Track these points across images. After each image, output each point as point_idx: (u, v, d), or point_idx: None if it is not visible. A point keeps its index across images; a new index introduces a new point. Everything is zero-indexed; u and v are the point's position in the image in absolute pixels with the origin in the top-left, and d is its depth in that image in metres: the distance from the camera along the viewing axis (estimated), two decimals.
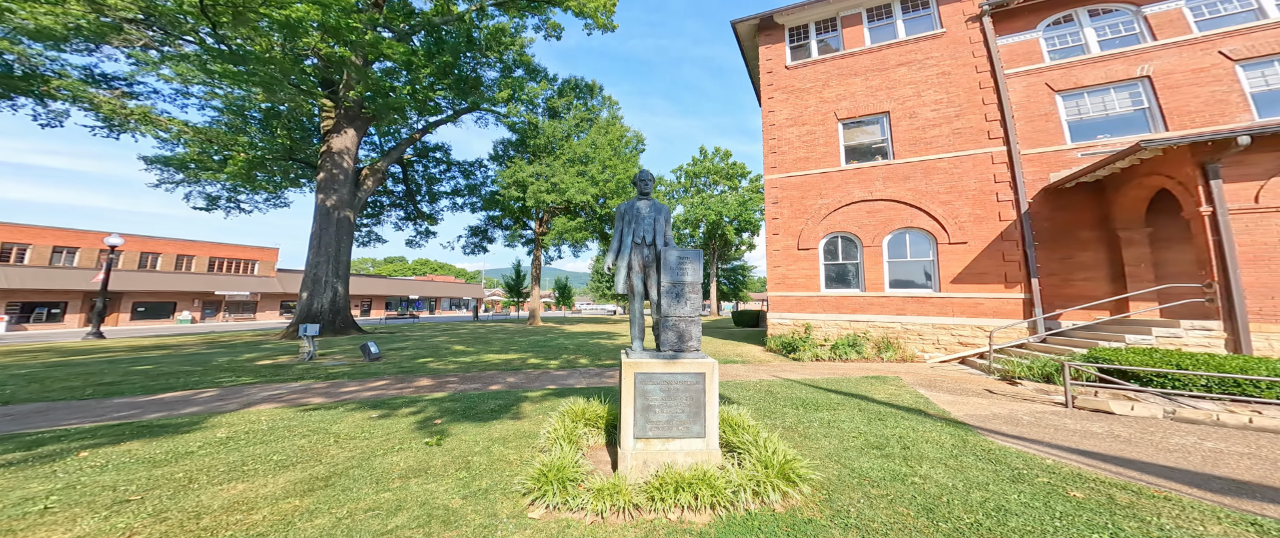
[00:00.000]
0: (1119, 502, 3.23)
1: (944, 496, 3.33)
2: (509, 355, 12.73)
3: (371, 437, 5.12)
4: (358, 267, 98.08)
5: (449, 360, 11.64)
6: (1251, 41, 10.49)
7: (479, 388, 8.02)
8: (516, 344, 16.01)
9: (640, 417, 3.97)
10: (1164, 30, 11.29)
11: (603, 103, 29.32)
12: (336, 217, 20.81)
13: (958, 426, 5.42)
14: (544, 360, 11.61)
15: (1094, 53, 11.83)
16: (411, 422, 5.76)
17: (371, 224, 30.20)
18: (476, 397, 7.22)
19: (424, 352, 13.63)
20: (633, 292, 4.63)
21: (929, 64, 13.01)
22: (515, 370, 10.02)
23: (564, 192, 23.81)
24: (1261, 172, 8.41)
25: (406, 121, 23.81)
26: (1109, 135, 11.41)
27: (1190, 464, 4.23)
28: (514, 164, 26.14)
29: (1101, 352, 7.97)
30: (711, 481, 3.44)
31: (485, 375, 9.38)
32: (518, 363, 11.16)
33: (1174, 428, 5.61)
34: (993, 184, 11.74)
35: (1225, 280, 8.35)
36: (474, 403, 6.76)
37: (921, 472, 3.82)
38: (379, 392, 7.72)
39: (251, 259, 45.20)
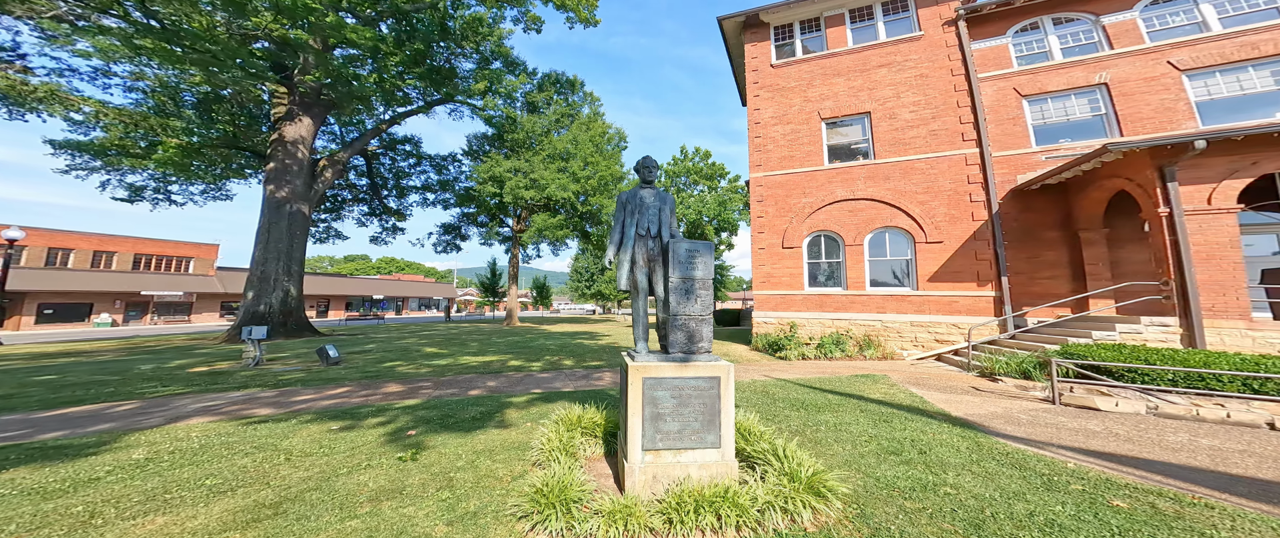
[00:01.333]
0: (1164, 511, 3.01)
1: (985, 508, 3.03)
2: (487, 357, 11.98)
3: (333, 452, 4.46)
4: (313, 264, 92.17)
5: (421, 364, 10.79)
6: (1196, 53, 10.98)
7: (457, 394, 7.34)
8: (495, 346, 15.21)
9: (649, 426, 3.51)
10: (1120, 40, 11.71)
11: (584, 99, 28.61)
12: (289, 210, 19.18)
13: (963, 426, 5.21)
14: (526, 362, 10.96)
15: (1057, 60, 12.18)
16: (381, 434, 5.09)
17: (330, 219, 28.18)
18: (455, 404, 6.56)
19: (391, 355, 12.66)
20: (636, 288, 4.15)
21: (908, 66, 13.11)
22: (496, 374, 9.34)
23: (544, 188, 22.99)
24: (1214, 175, 8.73)
25: (372, 112, 22.34)
26: (1070, 140, 11.75)
27: (1202, 464, 4.12)
28: (491, 159, 25.11)
29: (1075, 348, 8.07)
30: (735, 498, 3.02)
31: (463, 380, 8.68)
32: (498, 366, 10.47)
33: (1164, 425, 5.60)
34: (966, 185, 11.91)
35: (1181, 279, 8.63)
36: (453, 411, 6.12)
37: (949, 480, 3.52)
38: (340, 400, 6.92)
39: (186, 256, 40.72)
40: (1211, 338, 8.47)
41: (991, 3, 12.56)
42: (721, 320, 25.11)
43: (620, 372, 4.13)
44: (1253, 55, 10.54)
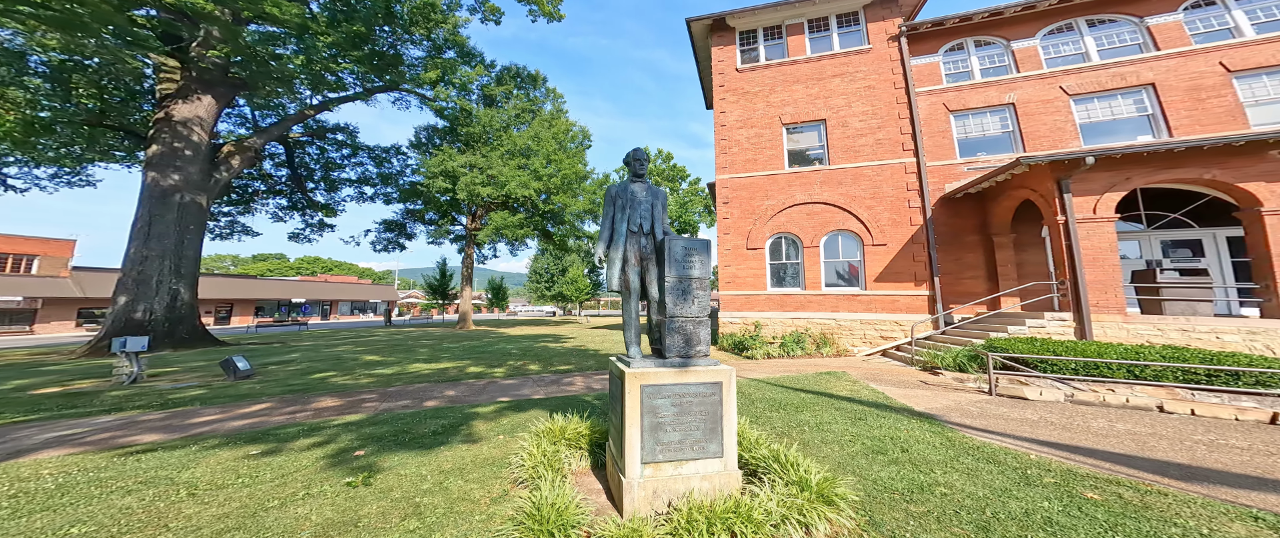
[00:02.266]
0: (1130, 501, 3.17)
1: (985, 508, 3.04)
2: (442, 364, 11.08)
3: (256, 482, 3.76)
4: (210, 264, 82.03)
5: (361, 373, 9.69)
6: (1081, 80, 12.37)
7: (410, 406, 6.64)
8: (449, 351, 14.16)
9: (649, 438, 3.24)
10: (1025, 64, 12.94)
11: (546, 95, 27.59)
12: (180, 201, 16.52)
13: (928, 420, 5.39)
14: (488, 368, 10.23)
15: (977, 79, 13.29)
16: (319, 456, 4.41)
17: (236, 213, 24.67)
18: (410, 417, 5.90)
19: (321, 364, 11.32)
20: (628, 289, 3.86)
21: (858, 77, 13.78)
22: (454, 382, 8.62)
23: (503, 185, 21.86)
24: (1098, 188, 9.83)
25: (296, 96, 19.99)
26: (986, 153, 12.87)
27: (1130, 449, 4.49)
28: (442, 153, 23.55)
29: (997, 342, 8.77)
30: (747, 513, 2.82)
31: (415, 390, 7.90)
32: (455, 373, 9.69)
33: (1083, 411, 6.14)
34: (906, 191, 12.72)
35: (1074, 278, 9.64)
36: (408, 425, 5.48)
37: (940, 479, 3.55)
38: (258, 419, 5.95)
39: (26, 253, 33.07)
40: (1097, 331, 9.51)
41: (927, 22, 13.49)
42: None
43: (611, 379, 3.81)
44: (1122, 84, 12.03)
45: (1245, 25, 11.53)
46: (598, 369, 9.78)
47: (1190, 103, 11.49)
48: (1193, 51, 11.65)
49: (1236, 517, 2.86)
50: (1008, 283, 12.11)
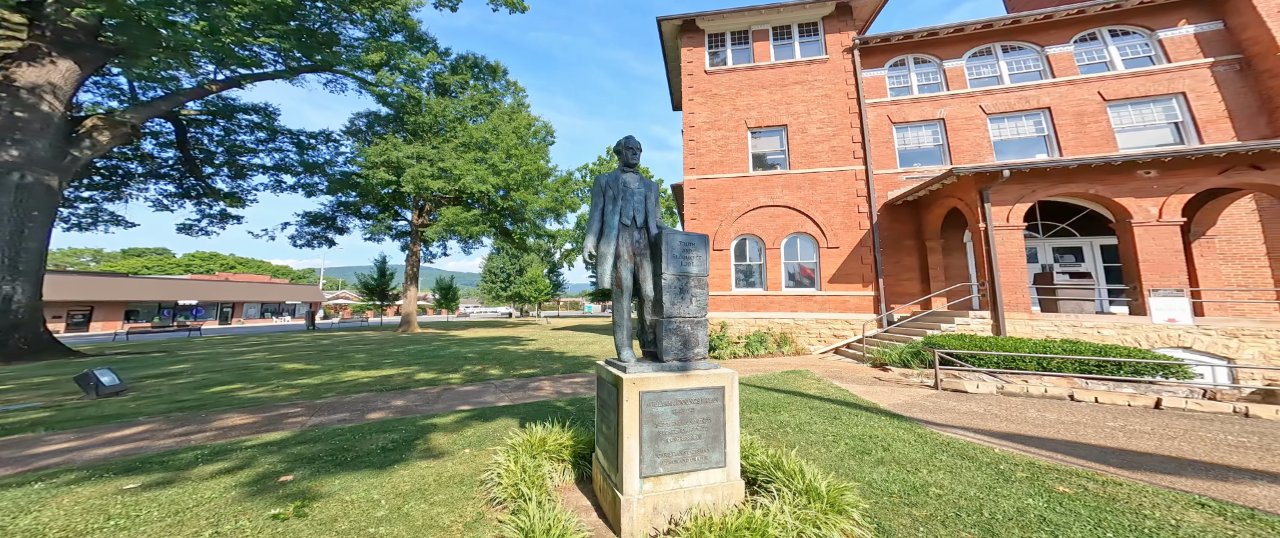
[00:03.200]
0: (1097, 493, 3.31)
1: (980, 508, 3.02)
2: (385, 371, 9.94)
3: (137, 524, 2.96)
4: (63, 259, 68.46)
5: (279, 385, 8.31)
6: (995, 100, 13.60)
7: (350, 419, 5.80)
8: (392, 356, 12.80)
9: (649, 449, 2.92)
10: (954, 83, 13.99)
11: (507, 88, 26.08)
12: (17, 182, 13.47)
13: (894, 417, 5.50)
14: (441, 374, 9.31)
15: (916, 94, 14.21)
16: (229, 486, 3.60)
17: (103, 199, 20.43)
18: (350, 432, 5.12)
19: (223, 375, 9.60)
20: (619, 286, 3.50)
21: (817, 85, 14.26)
22: (401, 390, 7.70)
23: (457, 179, 20.28)
24: (1010, 199, 10.83)
25: (194, 69, 17.11)
26: (921, 164, 13.82)
27: (1068, 436, 4.83)
28: (385, 142, 21.48)
29: (934, 339, 9.39)
30: (761, 527, 2.57)
31: (354, 401, 6.95)
32: (401, 380, 8.70)
33: (1018, 403, 6.62)
34: (856, 197, 13.35)
35: (992, 280, 10.55)
36: (349, 441, 4.73)
37: (929, 479, 3.52)
38: (135, 444, 4.80)
39: None
40: (1008, 327, 10.45)
41: (876, 37, 14.22)
42: None
43: (600, 385, 3.44)
44: (1025, 107, 13.37)
45: (1118, 60, 13.21)
46: (566, 373, 9.26)
47: (1076, 126, 12.99)
48: (1079, 81, 13.17)
49: (1188, 505, 3.04)
50: (937, 284, 13.07)
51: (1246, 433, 5.33)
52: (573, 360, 11.10)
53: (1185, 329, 10.07)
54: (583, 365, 10.14)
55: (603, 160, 45.76)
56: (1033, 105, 13.33)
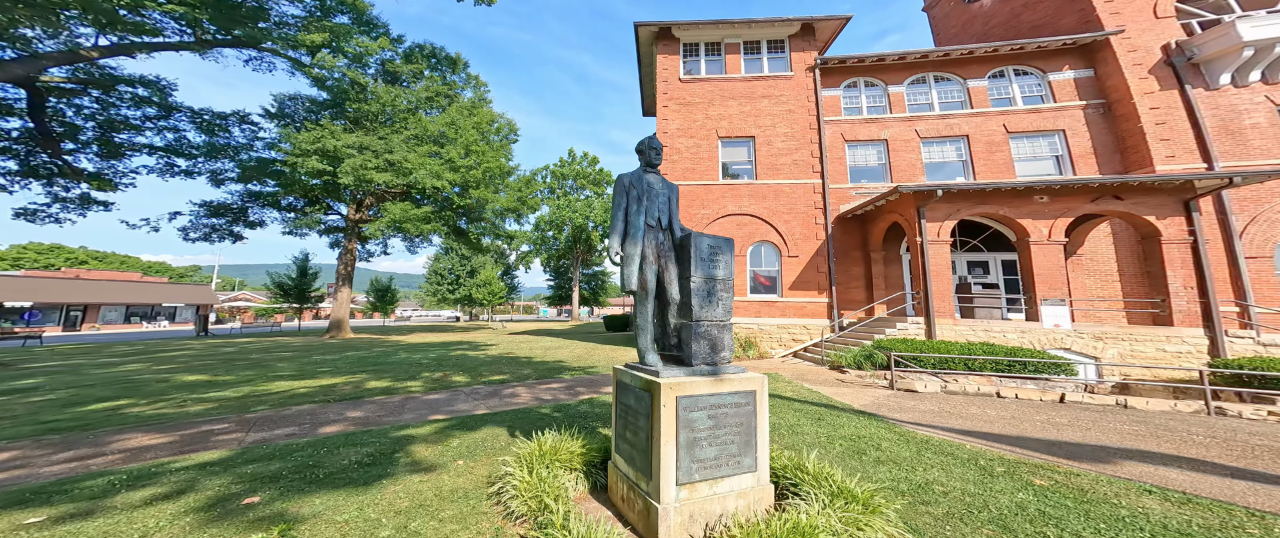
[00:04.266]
0: (1067, 485, 3.65)
1: (986, 504, 3.17)
2: (324, 380, 8.82)
3: None
4: None
5: (186, 399, 6.99)
6: (927, 126, 15.05)
7: (301, 433, 5.10)
8: (328, 364, 11.41)
9: (685, 455, 2.81)
10: (895, 107, 15.29)
11: (467, 81, 24.38)
12: None
13: (871, 417, 5.79)
14: (397, 383, 8.45)
15: (865, 115, 15.36)
16: (175, 513, 2.99)
17: None
18: (310, 446, 4.50)
19: (98, 390, 7.87)
20: (645, 289, 3.38)
21: (782, 100, 14.92)
22: (353, 400, 6.91)
23: (408, 172, 18.59)
24: (940, 216, 12.00)
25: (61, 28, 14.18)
26: (868, 181, 14.94)
27: (1015, 431, 5.37)
28: (321, 129, 19.28)
29: (883, 342, 10.15)
30: (808, 531, 2.54)
31: (297, 413, 6.11)
32: (349, 390, 7.80)
33: (964, 400, 7.29)
34: (813, 209, 14.13)
35: (926, 289, 11.64)
36: (315, 457, 4.16)
37: (926, 477, 3.69)
38: (7, 476, 3.82)
39: None
40: (940, 332, 11.60)
41: (834, 58, 15.18)
42: (613, 325, 24.58)
43: (623, 390, 3.29)
44: (950, 133, 14.92)
45: (1019, 97, 15.12)
46: (540, 379, 8.80)
47: (986, 154, 14.70)
48: (991, 113, 14.91)
49: (1139, 492, 3.43)
50: (880, 292, 14.14)
51: (1133, 422, 6.24)
52: (543, 366, 10.63)
53: (1066, 333, 11.63)
54: (555, 371, 9.75)
55: (564, 161, 44.64)
56: (956, 132, 14.90)
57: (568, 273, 51.92)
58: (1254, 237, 12.00)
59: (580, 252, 44.28)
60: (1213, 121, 12.74)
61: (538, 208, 30.73)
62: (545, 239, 44.41)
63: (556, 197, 43.56)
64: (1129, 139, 13.62)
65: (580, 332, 24.30)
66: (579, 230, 40.91)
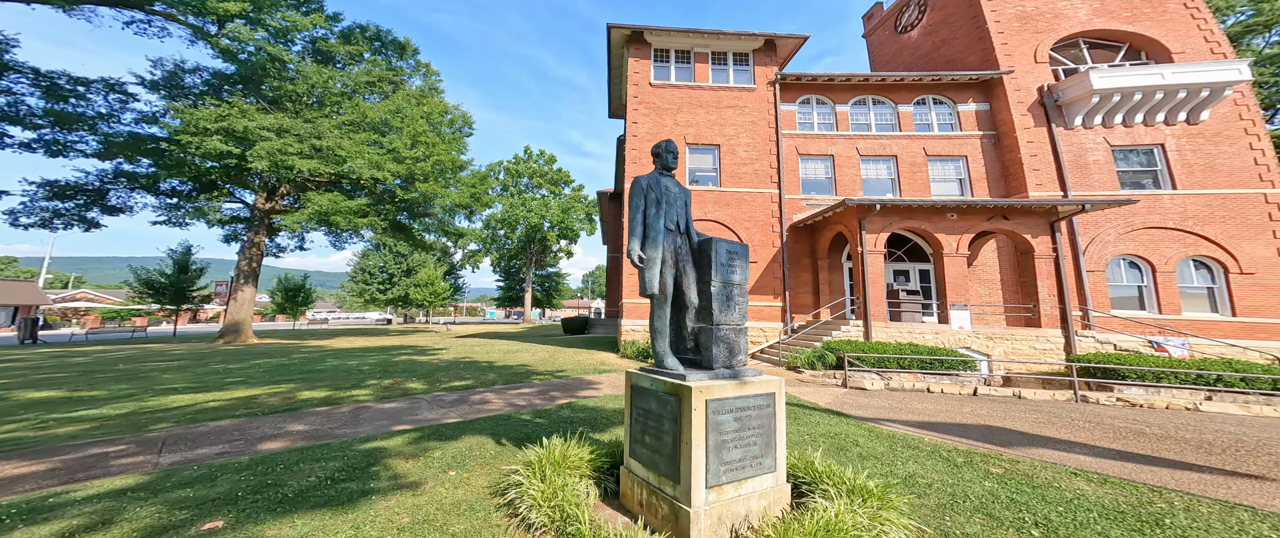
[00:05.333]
0: (1015, 471, 4.20)
1: (966, 494, 3.51)
2: (237, 392, 7.62)
3: None
4: None
5: (41, 420, 5.67)
6: (865, 145, 16.44)
7: (234, 451, 4.45)
8: (237, 374, 9.85)
9: (713, 458, 2.86)
10: (841, 125, 16.56)
11: (416, 68, 22.24)
12: None
13: (840, 416, 6.20)
14: (338, 392, 7.58)
15: (816, 131, 16.48)
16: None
17: None
18: (256, 464, 3.96)
19: None
20: (664, 293, 3.37)
21: (746, 111, 15.57)
22: (288, 412, 6.12)
23: (342, 161, 16.57)
24: (877, 228, 13.20)
25: None
26: (816, 193, 16.01)
27: (958, 422, 6.08)
28: (228, 106, 16.68)
29: (832, 344, 10.98)
30: (838, 528, 2.66)
31: (214, 430, 5.29)
32: (279, 402, 6.86)
33: (906, 396, 8.08)
34: (771, 217, 14.87)
35: (865, 294, 12.78)
36: (267, 476, 3.67)
37: (906, 470, 4.01)
38: None
39: None
40: (874, 334, 12.78)
41: (792, 75, 16.10)
42: (570, 329, 23.81)
43: (642, 395, 3.26)
44: (882, 153, 16.44)
45: (935, 123, 17.01)
46: (508, 384, 8.35)
47: (910, 173, 16.40)
48: (914, 136, 16.64)
49: (1071, 475, 4.01)
50: (825, 298, 15.22)
51: (1030, 410, 7.30)
52: (507, 371, 10.10)
53: (968, 334, 13.30)
54: (521, 376, 9.32)
55: (519, 158, 42.67)
56: (887, 152, 16.46)
57: (520, 274, 49.84)
58: (1093, 254, 14.49)
59: (534, 252, 42.64)
60: (1068, 156, 15.18)
61: (492, 205, 29.25)
62: (496, 238, 42.24)
63: (510, 194, 41.68)
64: (1011, 167, 15.82)
65: (536, 335, 23.47)
66: (534, 230, 39.39)
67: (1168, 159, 14.67)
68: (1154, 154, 14.91)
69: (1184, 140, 14.73)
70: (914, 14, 19.94)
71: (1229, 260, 13.77)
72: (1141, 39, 15.85)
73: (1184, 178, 14.45)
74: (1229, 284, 13.73)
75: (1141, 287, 14.26)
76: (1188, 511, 3.27)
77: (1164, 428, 6.16)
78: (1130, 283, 14.33)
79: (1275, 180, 14.03)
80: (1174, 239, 14.13)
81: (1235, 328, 13.38)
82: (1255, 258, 13.65)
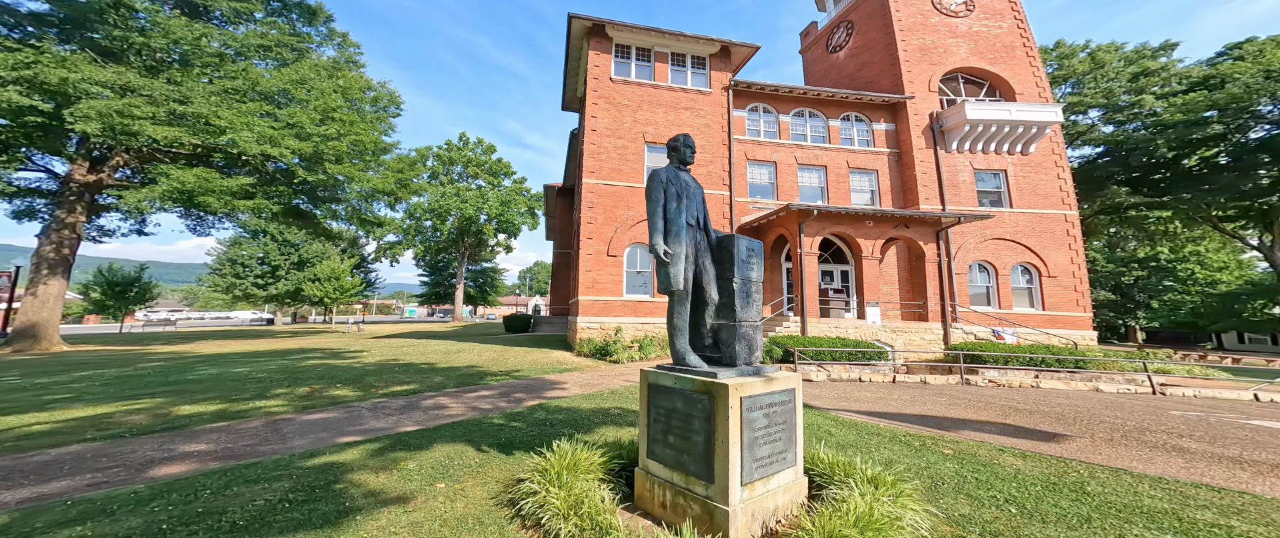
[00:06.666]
0: (964, 452, 4.81)
1: (940, 476, 3.93)
2: (74, 412, 6.00)
3: None
4: None
5: None
6: (801, 154, 17.75)
7: (109, 480, 3.62)
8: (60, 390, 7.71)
9: (747, 455, 2.88)
10: (783, 134, 17.69)
11: (329, 36, 18.84)
12: None
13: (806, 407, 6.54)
14: (235, 404, 6.31)
15: (762, 138, 17.40)
16: None
17: None
18: (165, 492, 3.26)
19: None
20: (686, 290, 3.31)
21: (702, 113, 15.92)
22: (174, 431, 5.00)
23: (221, 132, 13.49)
24: (813, 232, 14.35)
25: None
26: (761, 197, 16.88)
27: (897, 409, 6.80)
28: (35, 50, 12.95)
29: (778, 338, 11.71)
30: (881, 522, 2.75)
31: (61, 458, 4.21)
32: (147, 419, 5.53)
33: (848, 386, 8.85)
34: (722, 219, 15.42)
35: (802, 293, 13.81)
36: (197, 505, 3.04)
37: (886, 456, 4.38)
38: None
39: None
40: (809, 329, 13.87)
41: (743, 82, 16.82)
42: (514, 326, 22.30)
43: (663, 393, 3.18)
44: (815, 163, 17.89)
45: (857, 138, 18.80)
46: (462, 387, 7.62)
47: (836, 183, 18.01)
48: (840, 149, 18.28)
49: (1002, 453, 4.69)
50: (767, 296, 16.14)
51: (938, 394, 8.44)
52: (455, 373, 9.18)
53: (879, 328, 15.00)
54: (473, 378, 8.55)
55: (453, 145, 38.92)
56: (819, 162, 17.88)
57: (449, 268, 45.89)
58: (959, 259, 17.17)
59: (468, 245, 39.36)
60: (946, 176, 17.77)
61: (422, 192, 26.55)
62: (421, 229, 38.30)
63: (441, 183, 38.02)
64: (908, 183, 18.07)
65: (473, 333, 21.78)
66: (469, 222, 36.23)
67: (1009, 182, 17.97)
68: (1001, 177, 18.11)
69: (1018, 168, 18.10)
70: (843, 36, 21.84)
71: (1042, 266, 17.32)
72: (998, 78, 18.98)
73: (1017, 199, 17.82)
74: (1042, 285, 17.29)
75: (989, 287, 17.27)
76: (1094, 477, 3.97)
77: (1026, 403, 7.58)
78: (981, 284, 17.34)
79: (1072, 204, 18.01)
80: (1010, 248, 17.41)
81: (1045, 319, 16.87)
82: (1058, 264, 17.34)
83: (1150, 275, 38.78)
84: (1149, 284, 38.99)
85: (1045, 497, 3.50)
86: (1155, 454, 4.74)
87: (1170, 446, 5.13)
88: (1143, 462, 4.47)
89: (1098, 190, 28.95)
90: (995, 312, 16.78)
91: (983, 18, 19.53)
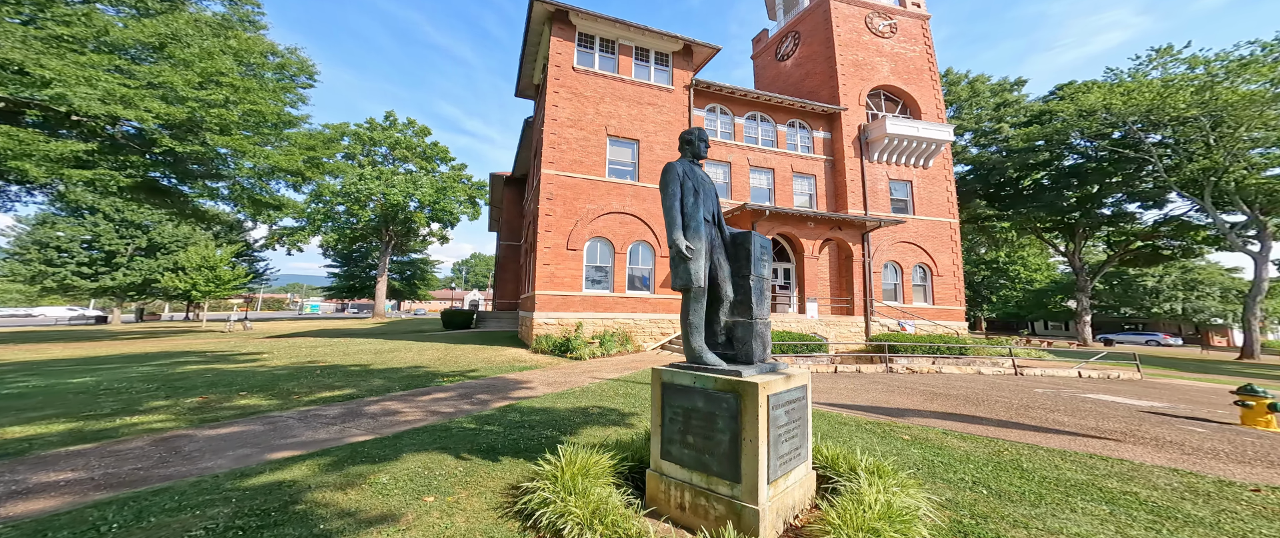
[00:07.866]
0: (920, 437, 5.21)
1: (911, 461, 4.26)
2: None
3: None
4: None
5: None
6: (752, 156, 18.40)
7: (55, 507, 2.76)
8: None
9: (773, 453, 2.86)
10: (738, 135, 18.22)
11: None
12: None
13: None
14: (91, 423, 5.03)
15: (719, 139, 17.82)
16: None
17: None
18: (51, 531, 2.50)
19: None
20: (703, 287, 3.22)
21: (664, 109, 15.83)
22: (14, 458, 4.00)
23: (46, 84, 10.34)
24: (767, 230, 15.01)
25: None
26: (720, 196, 17.22)
27: (847, 399, 7.27)
28: None
29: None
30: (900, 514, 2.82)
31: None
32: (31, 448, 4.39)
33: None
34: None
35: None
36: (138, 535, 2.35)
37: (861, 445, 4.65)
38: None
39: None
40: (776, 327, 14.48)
41: (703, 82, 17.11)
42: (453, 322, 20.58)
43: (680, 393, 3.06)
44: (764, 165, 18.68)
45: (800, 145, 19.88)
46: (413, 391, 6.84)
47: (782, 186, 18.93)
48: (786, 154, 19.24)
49: (949, 435, 5.19)
50: None
51: (872, 382, 9.22)
52: (398, 375, 8.17)
53: (817, 321, 16.13)
54: (420, 380, 7.71)
55: (378, 125, 34.46)
56: (768, 165, 18.68)
57: (369, 259, 41.21)
58: (876, 259, 19.02)
59: (395, 234, 35.48)
60: (869, 184, 19.53)
61: (340, 174, 23.53)
62: (332, 215, 33.77)
63: (360, 164, 33.70)
64: (839, 189, 19.59)
65: (403, 330, 19.82)
66: (395, 208, 32.41)
67: (914, 192, 20.30)
68: (908, 187, 20.33)
69: (920, 180, 20.51)
70: (791, 45, 22.92)
71: (934, 265, 19.87)
72: (909, 98, 21.18)
73: (919, 207, 20.24)
74: (933, 283, 19.82)
75: (896, 284, 19.40)
76: (1022, 455, 4.49)
77: (939, 388, 8.57)
78: (891, 281, 19.41)
79: (955, 213, 20.91)
80: (912, 250, 19.72)
81: (935, 312, 19.38)
82: (944, 265, 20.02)
83: (993, 275, 48.85)
84: (992, 282, 48.83)
85: (1000, 476, 3.88)
86: (1047, 432, 5.53)
87: (1051, 421, 6.12)
88: (1044, 438, 5.21)
89: (965, 203, 34.54)
90: (900, 306, 18.80)
91: (902, 40, 21.54)
